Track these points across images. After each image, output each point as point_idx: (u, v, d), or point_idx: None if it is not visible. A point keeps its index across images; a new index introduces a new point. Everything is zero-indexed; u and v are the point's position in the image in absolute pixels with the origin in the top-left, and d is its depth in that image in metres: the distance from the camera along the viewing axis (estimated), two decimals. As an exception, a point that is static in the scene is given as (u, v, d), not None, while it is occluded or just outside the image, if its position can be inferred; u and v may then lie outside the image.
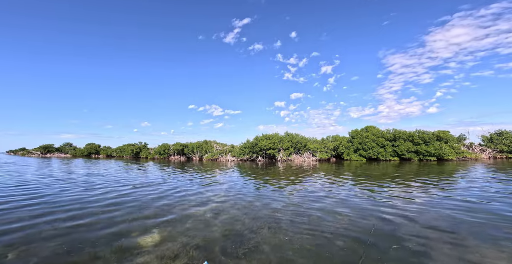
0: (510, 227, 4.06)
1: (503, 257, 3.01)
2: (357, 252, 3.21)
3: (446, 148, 23.32)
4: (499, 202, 5.85)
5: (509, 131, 26.11)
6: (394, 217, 4.78)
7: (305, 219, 4.75)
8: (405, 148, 24.35)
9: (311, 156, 28.71)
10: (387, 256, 3.09)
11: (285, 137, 31.43)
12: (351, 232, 3.95)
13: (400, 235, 3.80)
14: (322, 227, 4.26)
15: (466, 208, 5.34)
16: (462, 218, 4.63)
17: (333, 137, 31.98)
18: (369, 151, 25.89)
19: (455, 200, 6.15)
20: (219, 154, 35.83)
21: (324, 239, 3.71)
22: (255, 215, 5.11)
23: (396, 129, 27.22)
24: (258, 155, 31.56)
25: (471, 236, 3.70)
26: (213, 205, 6.03)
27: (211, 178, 11.77)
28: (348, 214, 5.01)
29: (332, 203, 6.03)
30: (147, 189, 8.47)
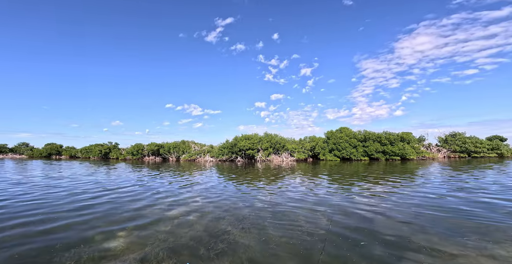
0: (462, 218, 4.66)
1: (457, 244, 3.45)
2: (317, 250, 3.41)
3: (409, 149, 25.69)
4: (453, 197, 6.65)
5: (461, 133, 29.65)
6: (365, 212, 5.17)
7: (280, 218, 4.91)
8: (374, 149, 26.26)
9: (289, 156, 29.48)
10: (356, 251, 3.34)
11: (264, 138, 31.82)
12: (326, 228, 4.19)
13: (370, 230, 4.14)
14: (299, 225, 4.45)
15: (427, 202, 5.98)
16: (425, 211, 5.18)
17: (310, 137, 33.22)
18: (343, 151, 27.42)
19: (417, 196, 6.85)
20: (198, 154, 34.99)
21: (299, 237, 3.88)
22: (231, 216, 5.15)
23: (367, 130, 29.23)
24: (237, 155, 31.50)
25: (432, 227, 4.17)
26: (188, 207, 5.92)
27: (189, 179, 11.48)
28: (324, 211, 5.30)
29: (309, 202, 6.31)
30: (120, 192, 7.99)
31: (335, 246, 3.45)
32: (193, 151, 35.87)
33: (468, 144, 27.58)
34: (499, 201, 6.00)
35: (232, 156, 31.95)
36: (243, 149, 30.48)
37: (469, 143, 27.58)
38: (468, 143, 27.60)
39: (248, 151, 30.23)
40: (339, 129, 31.19)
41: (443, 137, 30.54)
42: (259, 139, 31.45)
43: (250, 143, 30.36)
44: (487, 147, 27.42)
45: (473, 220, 4.51)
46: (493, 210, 5.14)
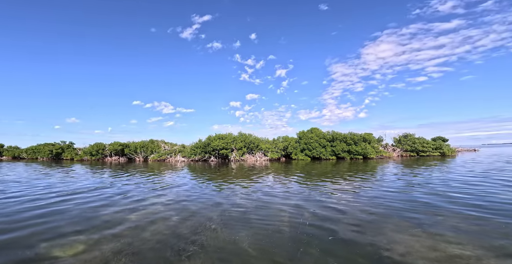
0: (420, 208, 5.31)
1: (417, 232, 3.93)
2: (298, 245, 3.58)
3: (369, 148, 28.32)
4: (411, 190, 7.55)
5: (411, 134, 33.73)
6: (336, 207, 5.54)
7: (254, 217, 4.97)
8: (340, 148, 28.28)
9: (263, 156, 29.95)
10: (326, 247, 3.57)
11: (238, 137, 31.73)
12: (296, 226, 4.39)
13: (340, 223, 4.46)
14: (272, 223, 4.56)
15: (389, 196, 6.67)
16: (389, 204, 5.77)
17: (283, 137, 34.23)
18: (313, 151, 28.91)
19: (380, 190, 7.59)
20: (168, 154, 33.24)
21: (273, 235, 3.98)
22: (203, 216, 5.05)
23: (334, 131, 31.32)
24: (210, 155, 30.83)
25: (396, 219, 4.67)
26: (156, 209, 5.62)
27: (159, 180, 10.84)
28: (298, 209, 5.53)
29: (282, 200, 6.50)
30: (80, 196, 7.16)
31: (307, 243, 3.64)
32: (163, 151, 33.95)
33: (417, 144, 31.57)
34: (445, 192, 7.03)
35: (205, 156, 31.14)
36: (216, 149, 29.95)
37: (418, 143, 31.59)
38: (417, 143, 31.61)
39: (222, 150, 29.82)
40: (310, 130, 32.77)
41: (397, 138, 34.36)
42: (233, 139, 31.25)
43: (224, 143, 29.99)
44: (432, 146, 31.79)
45: (426, 209, 5.20)
46: (440, 201, 5.99)
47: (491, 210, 5.15)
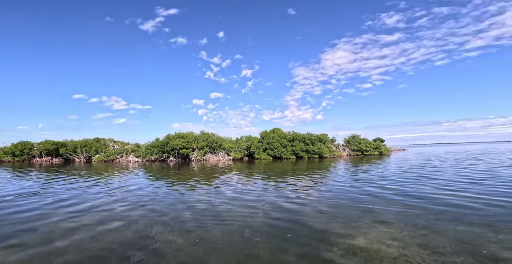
0: (368, 198, 6.05)
1: (365, 218, 4.46)
2: (251, 244, 3.68)
3: (324, 148, 31.07)
4: (355, 187, 8.54)
5: (358, 135, 38.40)
6: (294, 205, 5.88)
7: (215, 217, 4.91)
8: (299, 148, 30.19)
9: (226, 156, 29.61)
10: (286, 243, 3.76)
11: (200, 136, 30.58)
12: (258, 224, 4.50)
13: (298, 220, 4.75)
14: (233, 223, 4.57)
15: (344, 190, 7.41)
16: (342, 198, 6.39)
17: (246, 137, 34.54)
18: (275, 151, 30.05)
19: (335, 186, 8.38)
20: (118, 154, 29.65)
21: (233, 234, 3.99)
22: (158, 218, 4.73)
23: (294, 131, 33.24)
24: (169, 155, 28.83)
25: (350, 212, 5.20)
26: (103, 215, 4.99)
27: (107, 182, 9.56)
28: (259, 207, 5.65)
29: (244, 199, 6.56)
30: (6, 205, 5.74)
31: (267, 240, 3.77)
32: (111, 151, 30.09)
33: (362, 144, 36.14)
34: (383, 185, 8.23)
35: (163, 155, 28.96)
36: (176, 148, 28.20)
37: (362, 144, 36.21)
38: (362, 144, 36.20)
39: (182, 150, 28.22)
40: (272, 130, 33.94)
41: (346, 139, 38.63)
42: (194, 138, 29.95)
43: (185, 142, 28.47)
44: (373, 146, 36.88)
45: (366, 205, 5.99)
46: (378, 196, 6.99)
47: (416, 199, 6.30)
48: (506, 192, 6.58)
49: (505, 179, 8.80)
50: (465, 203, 5.57)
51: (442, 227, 4.05)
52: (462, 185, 7.93)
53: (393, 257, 2.93)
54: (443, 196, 6.41)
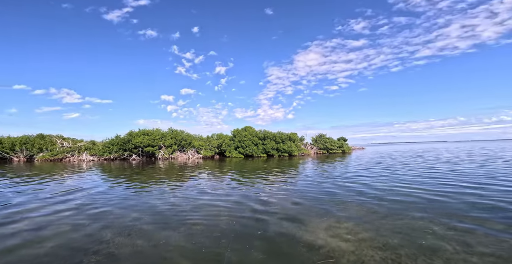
0: (331, 195, 6.36)
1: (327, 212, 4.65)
2: (219, 243, 3.56)
3: (294, 146, 32.28)
4: (323, 182, 8.98)
5: (324, 135, 40.84)
6: (264, 203, 5.89)
7: (182, 218, 4.66)
8: (270, 146, 30.77)
9: (196, 154, 28.55)
10: (253, 241, 3.72)
11: (168, 134, 28.87)
12: (225, 223, 4.38)
13: (270, 215, 4.76)
14: (201, 223, 4.38)
15: (311, 186, 7.69)
16: (310, 195, 6.61)
17: (218, 135, 33.81)
18: (246, 149, 30.07)
19: (304, 182, 8.67)
20: (68, 152, 26.15)
21: (202, 234, 3.82)
22: (113, 222, 4.31)
23: (266, 130, 33.76)
24: (132, 153, 26.56)
25: (316, 207, 5.38)
26: (53, 220, 4.31)
27: (55, 184, 8.29)
28: (230, 206, 5.52)
29: (213, 198, 6.36)
30: None
31: (238, 239, 3.69)
32: (59, 149, 26.38)
33: (327, 143, 38.57)
34: (344, 183, 8.84)
35: (124, 154, 26.55)
36: (140, 146, 26.10)
37: (328, 143, 38.68)
38: (327, 143, 38.64)
39: (147, 148, 26.25)
40: (244, 128, 33.87)
41: (314, 138, 40.78)
42: (161, 135, 28.14)
43: (150, 139, 26.54)
44: (337, 145, 39.68)
45: (334, 198, 6.34)
46: (346, 190, 7.47)
47: (371, 193, 6.91)
48: (441, 185, 7.67)
49: (441, 174, 10.28)
50: (410, 196, 6.30)
51: (392, 219, 4.49)
52: (408, 179, 9.00)
53: (351, 250, 3.10)
54: (393, 189, 7.16)
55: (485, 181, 8.12)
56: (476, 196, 6.00)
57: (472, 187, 7.11)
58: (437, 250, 3.00)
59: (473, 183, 7.74)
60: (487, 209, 4.88)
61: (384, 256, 2.86)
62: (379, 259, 2.77)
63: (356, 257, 2.91)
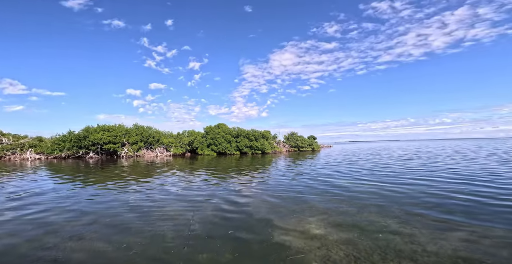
0: (302, 191, 6.48)
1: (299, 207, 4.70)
2: (191, 244, 3.37)
3: (267, 144, 32.73)
4: (293, 179, 9.17)
5: (295, 133, 42.30)
6: (237, 201, 5.74)
7: (144, 219, 4.26)
8: (244, 144, 30.67)
9: (165, 151, 26.91)
10: (223, 241, 3.58)
11: (133, 130, 26.63)
12: (195, 223, 4.14)
13: (243, 217, 4.62)
14: (163, 224, 4.05)
15: (283, 183, 7.75)
16: (282, 190, 6.64)
17: (189, 132, 32.40)
18: (219, 146, 29.44)
19: (276, 180, 8.72)
20: (8, 150, 22.25)
21: (164, 235, 3.53)
22: (61, 228, 3.71)
23: (239, 127, 33.50)
24: (88, 150, 23.82)
25: (287, 204, 5.40)
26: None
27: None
28: (193, 206, 5.24)
29: (181, 196, 5.99)
30: None
31: (208, 239, 3.50)
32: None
33: (298, 141, 40.07)
34: (319, 181, 9.19)
35: (79, 151, 23.68)
36: (99, 143, 23.55)
37: (299, 141, 40.20)
38: (299, 141, 40.15)
39: (107, 145, 23.80)
40: (217, 125, 33.09)
41: (286, 136, 41.97)
42: (125, 131, 25.81)
43: (112, 136, 24.12)
44: (307, 143, 41.51)
45: (304, 195, 6.51)
46: (315, 187, 7.74)
47: (338, 188, 7.32)
48: (395, 179, 8.51)
49: (393, 169, 11.43)
50: (370, 191, 6.82)
51: (354, 213, 4.77)
52: (369, 174, 9.79)
53: (317, 246, 3.14)
54: (356, 184, 7.68)
55: (429, 174, 9.25)
56: (424, 187, 6.76)
57: (419, 179, 8.03)
58: (391, 242, 3.20)
59: (420, 176, 8.75)
60: (434, 198, 5.52)
61: (347, 251, 2.94)
62: (343, 255, 2.84)
63: (323, 252, 2.95)
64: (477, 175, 8.60)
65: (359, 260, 2.71)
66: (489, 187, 6.67)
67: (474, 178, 8.12)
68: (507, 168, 10.23)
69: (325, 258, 2.78)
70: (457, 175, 8.87)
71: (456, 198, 5.56)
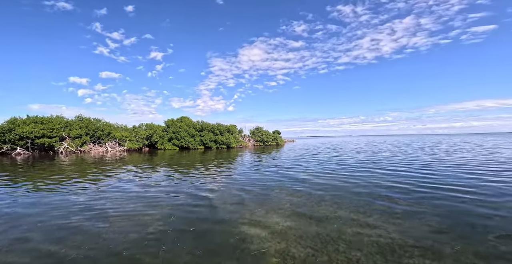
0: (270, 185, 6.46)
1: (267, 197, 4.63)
2: (150, 243, 3.05)
3: (232, 138, 32.37)
4: (261, 173, 9.16)
5: (261, 128, 42.92)
6: (197, 196, 5.41)
7: (68, 226, 3.64)
8: (208, 138, 29.66)
9: (118, 146, 24.08)
10: (186, 238, 3.29)
11: (75, 122, 23.00)
12: (163, 222, 3.73)
13: (204, 213, 4.33)
14: (111, 224, 3.54)
15: (245, 178, 7.63)
16: (247, 185, 6.49)
17: (147, 125, 29.68)
18: (182, 140, 27.81)
19: (240, 174, 8.56)
20: None
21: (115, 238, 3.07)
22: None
23: (204, 121, 32.22)
24: (15, 146, 19.67)
25: (259, 196, 5.28)
26: None
27: None
28: (162, 204, 4.77)
29: (140, 196, 5.39)
30: None
31: (169, 237, 3.19)
32: None
33: (264, 135, 40.83)
34: (281, 175, 9.37)
35: (3, 147, 19.37)
36: (29, 137, 19.62)
37: (264, 135, 40.99)
38: (264, 135, 40.92)
39: (41, 139, 20.02)
40: (179, 118, 31.14)
41: (252, 130, 42.27)
42: (65, 124, 22.12)
43: (47, 129, 20.36)
44: (272, 138, 42.65)
45: (266, 189, 6.53)
46: (277, 181, 7.86)
47: (300, 182, 7.63)
48: (349, 170, 9.33)
49: (348, 162, 12.58)
50: (328, 182, 7.29)
51: (312, 206, 5.00)
52: (327, 166, 10.53)
53: (278, 241, 3.12)
54: (316, 176, 8.15)
55: (375, 166, 10.43)
56: (373, 177, 7.54)
57: (367, 171, 8.96)
58: (343, 233, 3.37)
59: (369, 168, 9.79)
60: (381, 188, 6.17)
61: (305, 244, 2.96)
62: (301, 249, 2.84)
63: (282, 247, 2.93)
64: (411, 165, 10.06)
65: (317, 253, 2.73)
66: (427, 175, 7.82)
67: (409, 167, 9.47)
68: (434, 160, 12.27)
69: (285, 253, 2.76)
70: (395, 166, 10.22)
71: (397, 187, 6.33)
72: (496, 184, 5.94)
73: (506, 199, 4.69)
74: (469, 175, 7.23)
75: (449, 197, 4.92)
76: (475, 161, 10.66)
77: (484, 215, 3.84)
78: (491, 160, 10.67)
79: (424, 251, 2.71)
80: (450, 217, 3.76)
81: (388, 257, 2.59)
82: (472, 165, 9.30)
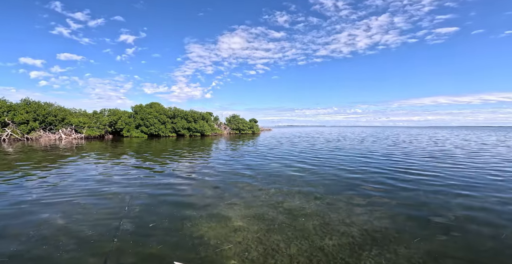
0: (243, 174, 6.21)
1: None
2: (103, 244, 2.69)
3: (206, 126, 31.37)
4: (231, 160, 8.87)
5: (237, 116, 42.28)
6: (158, 190, 5.00)
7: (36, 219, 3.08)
8: (181, 125, 28.29)
9: (75, 133, 21.68)
10: (144, 236, 2.97)
11: (21, 106, 19.97)
12: (122, 213, 3.29)
13: (166, 207, 3.96)
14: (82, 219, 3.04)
15: (219, 165, 7.29)
16: (222, 170, 6.16)
17: (111, 110, 27.09)
18: (151, 128, 26.09)
19: (213, 161, 8.18)
20: None
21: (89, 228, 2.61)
22: None
23: (176, 107, 30.48)
24: None
25: (228, 185, 4.98)
26: None
27: None
28: (123, 195, 4.25)
29: (90, 191, 4.78)
30: None
31: (127, 235, 2.85)
32: None
33: (240, 124, 40.40)
34: (249, 166, 9.19)
35: None
36: (-42, 122, 16.51)
37: (240, 124, 40.57)
38: (240, 123, 40.48)
39: (-25, 125, 17.01)
40: (149, 104, 29.00)
41: (228, 118, 41.48)
42: (7, 108, 19.06)
43: (-18, 112, 17.32)
44: (248, 126, 42.44)
45: (234, 181, 6.31)
46: (246, 173, 7.67)
47: (273, 176, 7.56)
48: (321, 160, 9.59)
49: (320, 152, 12.98)
50: (297, 174, 7.37)
51: (277, 199, 5.10)
52: (301, 155, 10.73)
53: (239, 241, 2.91)
54: (286, 167, 8.21)
55: (346, 154, 10.90)
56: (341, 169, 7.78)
57: (338, 159, 9.30)
58: (305, 231, 3.30)
59: (339, 159, 10.17)
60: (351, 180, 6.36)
61: (267, 244, 2.95)
62: (261, 250, 2.65)
63: (242, 246, 2.76)
64: (376, 153, 10.69)
65: (277, 255, 2.55)
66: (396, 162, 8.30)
67: (373, 154, 10.04)
68: (397, 149, 13.23)
69: (242, 253, 2.58)
70: (364, 157, 10.77)
71: (364, 179, 6.60)
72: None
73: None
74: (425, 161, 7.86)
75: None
76: (426, 150, 11.76)
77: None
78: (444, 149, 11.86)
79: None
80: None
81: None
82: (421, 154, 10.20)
